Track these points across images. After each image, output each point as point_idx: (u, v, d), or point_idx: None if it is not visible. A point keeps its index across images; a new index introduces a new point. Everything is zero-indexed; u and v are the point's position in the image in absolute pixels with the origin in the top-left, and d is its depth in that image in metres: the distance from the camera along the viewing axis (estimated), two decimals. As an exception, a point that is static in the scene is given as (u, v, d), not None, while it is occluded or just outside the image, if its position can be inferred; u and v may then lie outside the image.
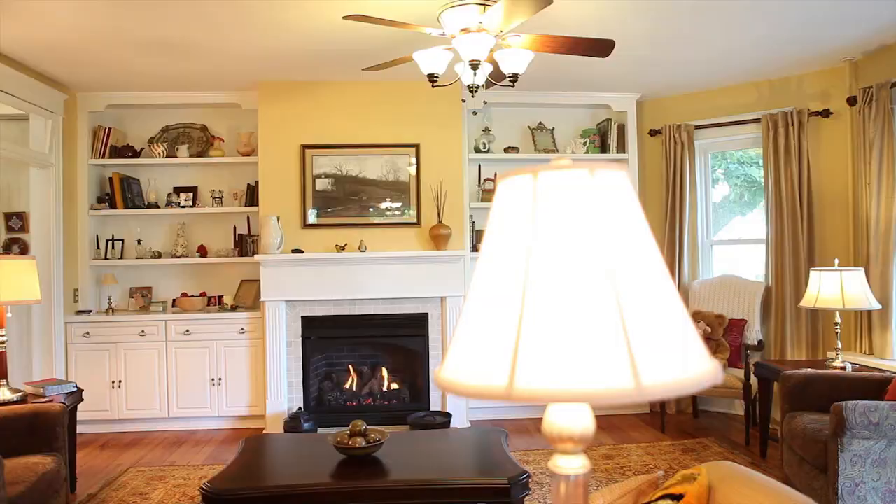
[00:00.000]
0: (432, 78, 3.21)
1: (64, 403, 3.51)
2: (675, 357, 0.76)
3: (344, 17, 2.91)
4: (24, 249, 5.40)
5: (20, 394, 3.62)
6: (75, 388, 3.88)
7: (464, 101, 3.48)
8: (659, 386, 0.73)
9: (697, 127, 5.52)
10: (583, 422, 0.86)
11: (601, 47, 3.27)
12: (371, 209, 5.19)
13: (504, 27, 3.07)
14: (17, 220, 5.48)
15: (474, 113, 5.16)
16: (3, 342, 3.67)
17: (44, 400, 3.62)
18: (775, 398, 4.29)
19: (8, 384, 3.62)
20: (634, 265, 0.79)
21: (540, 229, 0.79)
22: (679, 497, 1.64)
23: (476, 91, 3.34)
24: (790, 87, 5.09)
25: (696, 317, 5.05)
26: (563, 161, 0.84)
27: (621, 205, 0.83)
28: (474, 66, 3.02)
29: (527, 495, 2.72)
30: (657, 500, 1.68)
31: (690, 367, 0.77)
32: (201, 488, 2.64)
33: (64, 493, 3.22)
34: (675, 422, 5.20)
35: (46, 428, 3.22)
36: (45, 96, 4.88)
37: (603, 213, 0.80)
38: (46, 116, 4.97)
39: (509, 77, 3.23)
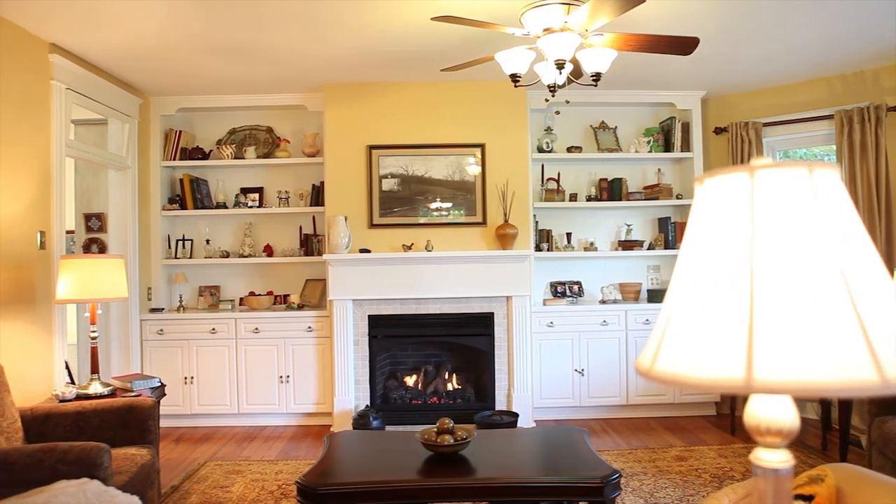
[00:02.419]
0: (515, 78, 3.22)
1: (153, 398, 3.63)
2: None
3: (432, 19, 2.95)
4: (102, 249, 5.58)
5: (110, 388, 3.75)
6: (159, 384, 4.00)
7: (547, 100, 3.48)
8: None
9: (765, 124, 5.42)
10: (790, 415, 0.87)
11: (684, 44, 3.24)
12: (437, 209, 5.23)
13: (588, 26, 3.07)
14: (96, 221, 5.67)
15: (557, 112, 5.16)
16: (94, 338, 3.81)
17: (132, 394, 3.75)
18: (854, 402, 4.20)
19: (99, 378, 3.75)
20: (859, 263, 0.79)
21: (762, 226, 0.80)
22: (810, 498, 1.62)
23: (556, 91, 3.35)
24: (865, 82, 4.96)
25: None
26: (765, 160, 0.85)
27: (839, 203, 0.83)
28: (560, 65, 3.02)
29: (618, 495, 2.71)
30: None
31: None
32: (297, 482, 2.70)
33: (157, 485, 3.33)
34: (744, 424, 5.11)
35: (140, 421, 3.33)
36: (123, 101, 5.04)
37: (825, 211, 0.80)
38: (124, 120, 5.14)
39: (592, 76, 3.23)
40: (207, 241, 5.74)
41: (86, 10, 3.67)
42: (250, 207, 5.61)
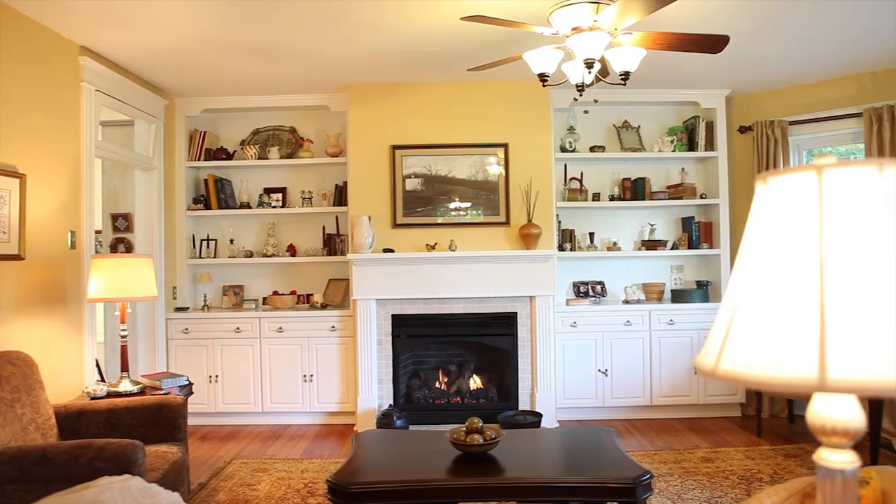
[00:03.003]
0: (543, 77, 3.22)
1: (181, 396, 3.67)
2: None
3: (462, 18, 2.95)
4: (128, 248, 5.65)
5: (139, 386, 3.79)
6: (187, 382, 4.03)
7: (575, 99, 3.49)
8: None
9: (791, 123, 5.36)
10: (857, 415, 0.86)
11: (714, 43, 3.22)
12: (460, 208, 5.23)
13: (617, 25, 3.06)
14: (123, 221, 5.74)
15: (585, 112, 5.15)
16: (125, 336, 3.86)
17: (161, 392, 3.79)
18: (885, 404, 4.15)
19: (129, 376, 3.79)
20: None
21: (831, 225, 0.80)
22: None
23: (584, 90, 3.34)
24: None
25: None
26: (829, 159, 0.84)
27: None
28: (589, 64, 3.01)
29: (650, 496, 2.70)
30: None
31: None
32: (328, 481, 2.71)
33: (187, 482, 3.36)
34: (769, 426, 5.06)
35: (170, 419, 3.36)
36: (149, 102, 5.10)
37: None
38: (150, 121, 5.19)
39: (621, 75, 3.21)
40: (231, 241, 5.78)
41: (117, 13, 3.72)
42: (274, 207, 5.65)
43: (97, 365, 4.09)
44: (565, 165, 5.64)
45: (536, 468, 2.95)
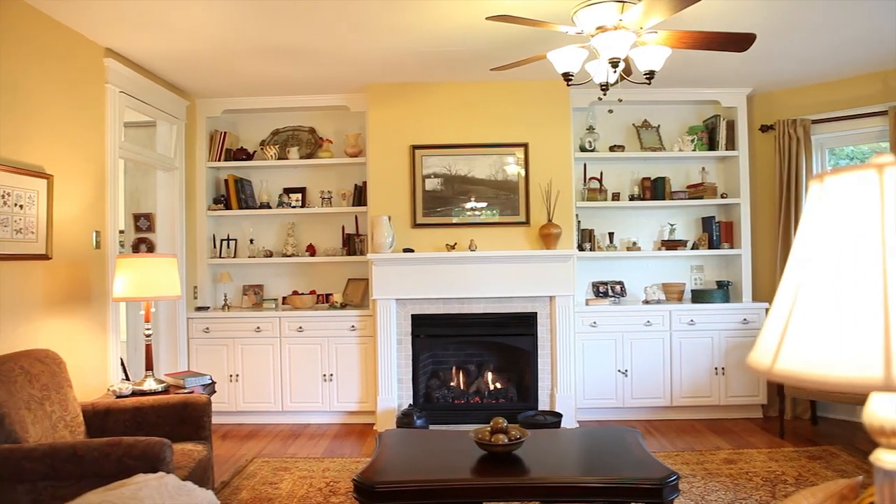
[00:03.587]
0: (567, 77, 3.21)
1: (205, 394, 3.69)
2: None
3: (487, 18, 2.95)
4: (150, 248, 5.70)
5: (163, 384, 3.82)
6: (210, 381, 4.06)
7: (600, 98, 3.47)
8: None
9: (814, 121, 5.31)
10: (916, 416, 0.85)
11: (740, 41, 3.20)
12: (479, 208, 5.23)
13: (642, 24, 3.04)
14: (145, 221, 5.80)
15: (610, 111, 5.13)
16: (149, 335, 3.90)
17: (185, 391, 3.82)
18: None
19: (154, 375, 3.83)
20: None
21: (895, 222, 0.79)
22: None
23: (608, 89, 3.33)
24: (921, 78, 4.84)
25: (818, 319, 4.85)
26: (887, 157, 0.83)
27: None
28: (614, 63, 3.00)
29: (676, 496, 2.68)
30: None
31: None
32: (354, 479, 2.72)
33: (211, 480, 3.39)
34: (792, 427, 5.01)
35: (195, 417, 3.39)
36: (171, 103, 5.14)
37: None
38: (172, 122, 5.24)
39: (645, 74, 3.20)
40: (251, 241, 5.82)
41: (141, 16, 3.75)
42: (293, 207, 5.67)
43: (122, 363, 4.13)
44: (585, 165, 5.62)
45: (561, 468, 2.95)
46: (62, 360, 3.23)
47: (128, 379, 3.96)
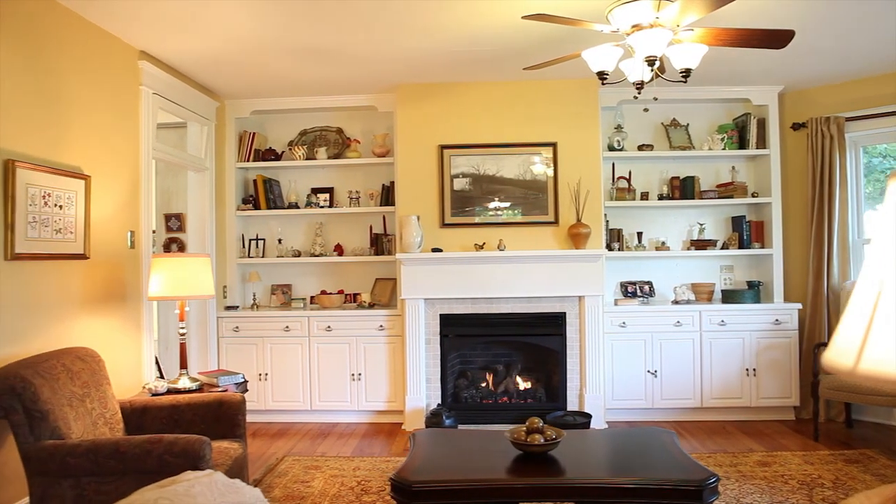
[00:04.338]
0: (602, 75, 3.19)
1: (239, 393, 3.72)
2: None
3: (523, 17, 2.94)
4: (181, 248, 5.77)
5: (197, 383, 3.86)
6: (243, 379, 4.10)
7: (635, 97, 3.43)
8: None
9: (848, 119, 5.23)
10: None
11: (779, 38, 3.15)
12: (508, 208, 5.22)
13: (678, 21, 3.02)
14: (176, 221, 5.86)
15: (645, 110, 5.10)
16: (183, 334, 3.94)
17: (218, 389, 3.86)
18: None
19: (188, 373, 3.87)
20: None
21: None
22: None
23: (642, 87, 3.30)
24: (960, 74, 4.74)
25: (853, 320, 4.78)
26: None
27: None
28: (650, 61, 2.98)
29: (716, 499, 2.65)
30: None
31: None
32: (391, 479, 2.73)
33: (246, 478, 3.42)
34: (826, 430, 4.94)
35: (230, 416, 3.42)
36: (202, 104, 5.19)
37: None
38: (202, 123, 5.29)
39: (681, 72, 3.17)
40: (279, 241, 5.86)
41: (174, 18, 3.80)
42: (321, 207, 5.70)
43: (156, 361, 4.18)
44: (613, 164, 5.58)
45: (598, 469, 2.93)
46: (101, 358, 3.28)
47: (162, 377, 4.01)
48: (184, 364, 3.89)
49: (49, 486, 2.62)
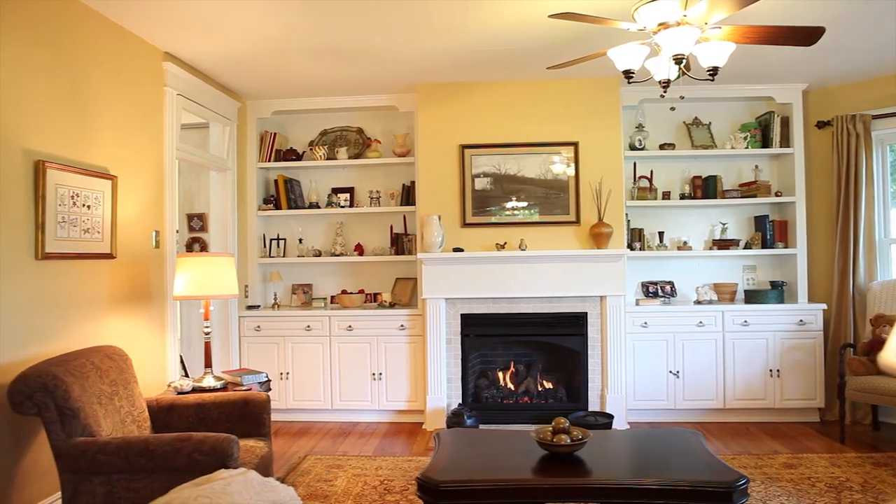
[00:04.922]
0: (628, 74, 3.17)
1: (263, 392, 3.74)
2: None
3: (550, 16, 2.93)
4: (203, 248, 5.81)
5: (222, 381, 3.89)
6: (266, 378, 4.12)
7: (661, 96, 3.41)
8: None
9: (875, 117, 5.16)
10: None
11: (808, 35, 3.11)
12: (529, 207, 5.21)
13: (706, 19, 2.99)
14: (198, 221, 5.91)
15: (672, 109, 5.07)
16: (208, 333, 3.97)
17: (243, 388, 3.88)
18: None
19: (213, 372, 3.89)
20: None
21: None
22: None
23: (668, 86, 3.28)
24: None
25: (880, 321, 4.72)
26: None
27: None
28: (678, 60, 2.96)
29: (745, 501, 2.63)
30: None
31: None
32: (418, 478, 2.72)
33: (271, 477, 3.43)
34: (852, 433, 4.87)
35: (255, 414, 3.44)
36: (224, 105, 5.23)
37: None
38: (224, 123, 5.33)
39: (709, 70, 3.14)
40: (300, 241, 5.89)
41: (198, 19, 3.83)
42: (342, 207, 5.72)
43: (181, 360, 4.21)
44: (634, 164, 5.55)
45: (625, 470, 2.91)
46: (128, 357, 3.31)
47: (187, 375, 4.04)
48: (208, 363, 3.92)
49: (80, 482, 2.65)
